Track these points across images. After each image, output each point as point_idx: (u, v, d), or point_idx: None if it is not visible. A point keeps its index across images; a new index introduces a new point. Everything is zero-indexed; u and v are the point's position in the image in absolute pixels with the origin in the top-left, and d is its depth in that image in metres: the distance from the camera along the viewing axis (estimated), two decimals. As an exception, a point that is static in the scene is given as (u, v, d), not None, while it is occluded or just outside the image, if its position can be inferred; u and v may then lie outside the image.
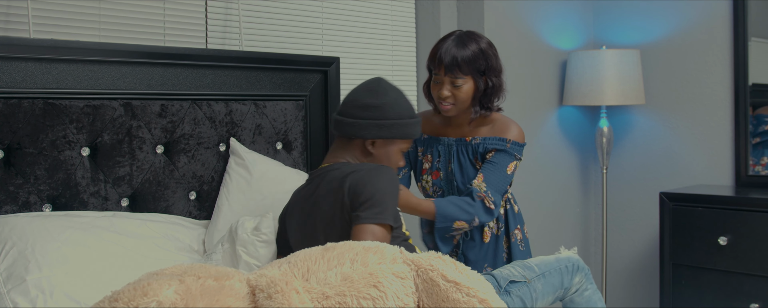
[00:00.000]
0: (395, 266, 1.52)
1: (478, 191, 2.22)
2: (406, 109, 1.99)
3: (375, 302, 1.44)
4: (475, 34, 2.30)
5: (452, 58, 2.23)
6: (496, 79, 2.27)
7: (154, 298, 1.32)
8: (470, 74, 2.24)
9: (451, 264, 1.55)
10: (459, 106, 2.28)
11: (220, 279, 1.39)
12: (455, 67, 2.23)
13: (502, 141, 2.28)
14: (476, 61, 2.23)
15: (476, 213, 2.20)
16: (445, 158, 2.36)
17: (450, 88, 2.26)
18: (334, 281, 1.45)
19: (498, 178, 2.25)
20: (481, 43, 2.26)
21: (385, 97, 1.95)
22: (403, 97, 2.01)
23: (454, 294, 1.49)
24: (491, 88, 2.27)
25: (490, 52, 2.27)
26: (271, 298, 1.34)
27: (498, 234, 2.38)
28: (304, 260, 1.50)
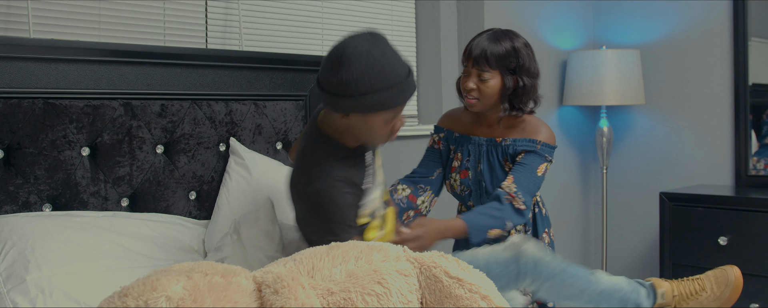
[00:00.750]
0: (399, 263, 1.52)
1: (505, 193, 2.17)
2: (376, 79, 1.69)
3: (379, 298, 1.44)
4: (512, 33, 2.26)
5: (482, 51, 2.19)
6: (528, 79, 2.21)
7: (163, 293, 1.32)
8: (498, 69, 2.20)
9: (454, 261, 1.56)
10: (484, 102, 2.23)
11: (227, 276, 1.39)
12: (483, 60, 2.19)
13: (532, 142, 2.24)
14: (507, 58, 2.19)
15: (506, 217, 2.15)
16: (475, 158, 2.32)
17: (476, 81, 2.22)
18: (339, 278, 1.45)
19: (528, 180, 2.20)
20: (516, 41, 2.22)
21: (349, 69, 1.69)
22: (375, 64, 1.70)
23: (457, 290, 1.49)
24: (521, 88, 2.21)
25: (525, 52, 2.22)
26: (278, 293, 1.35)
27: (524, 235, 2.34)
28: (310, 257, 1.50)
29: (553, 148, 2.27)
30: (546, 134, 2.27)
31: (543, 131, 2.27)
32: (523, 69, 2.21)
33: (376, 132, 1.80)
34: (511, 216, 2.16)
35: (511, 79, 2.20)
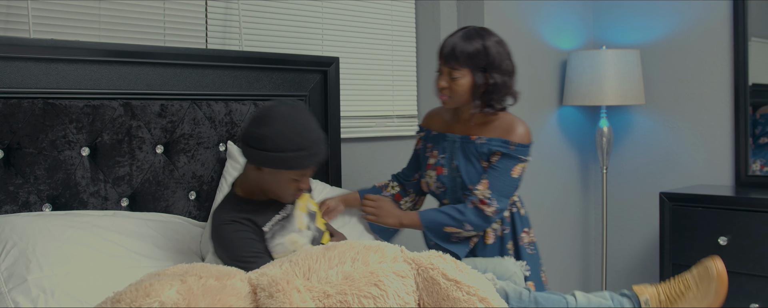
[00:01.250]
0: (396, 265, 1.52)
1: (475, 198, 2.22)
2: (292, 140, 1.88)
3: (376, 301, 1.44)
4: (485, 31, 2.26)
5: (451, 49, 2.22)
6: (499, 77, 2.22)
7: (157, 298, 1.32)
8: (468, 67, 2.21)
9: (452, 262, 1.56)
10: (456, 99, 2.25)
11: (222, 279, 1.39)
12: (453, 58, 2.21)
13: (506, 143, 2.24)
14: (476, 56, 2.20)
15: (466, 220, 2.21)
16: (450, 154, 2.34)
17: (447, 80, 2.24)
18: (336, 280, 1.45)
19: (503, 183, 2.22)
20: (488, 39, 2.23)
21: (268, 127, 1.88)
22: (293, 128, 1.89)
23: (455, 292, 1.49)
24: (492, 85, 2.22)
25: (496, 49, 2.23)
26: (273, 297, 1.35)
27: (502, 236, 2.36)
28: (306, 259, 1.50)
29: (528, 146, 2.26)
30: (520, 133, 2.26)
31: (517, 130, 2.26)
32: (495, 66, 2.21)
33: (283, 187, 1.95)
34: (472, 219, 2.21)
35: (482, 76, 2.21)
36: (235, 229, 1.93)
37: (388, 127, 3.22)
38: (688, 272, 1.96)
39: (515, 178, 2.24)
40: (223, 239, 1.93)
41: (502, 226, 2.35)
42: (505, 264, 2.12)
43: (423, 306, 1.53)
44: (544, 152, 3.73)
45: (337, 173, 2.78)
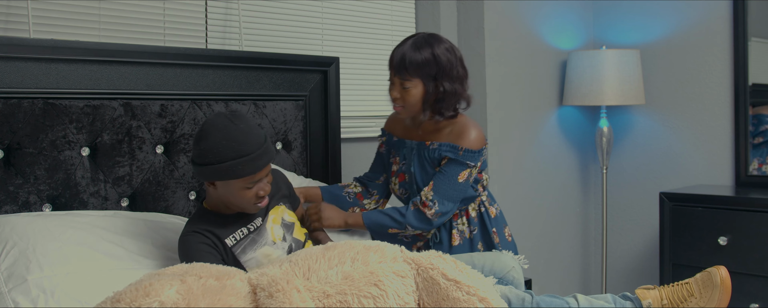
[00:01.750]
0: (396, 265, 1.52)
1: (417, 199, 2.23)
2: (229, 149, 1.86)
3: (376, 301, 1.44)
4: (435, 38, 2.23)
5: (401, 59, 2.20)
6: (449, 85, 2.20)
7: (156, 298, 1.32)
8: (419, 77, 2.19)
9: (452, 262, 1.56)
10: (409, 109, 2.25)
11: (222, 279, 1.39)
12: (403, 69, 2.20)
13: (454, 148, 2.23)
14: (426, 65, 2.18)
15: (407, 222, 2.23)
16: (409, 161, 2.34)
17: (399, 90, 2.23)
18: (335, 280, 1.45)
19: (447, 187, 2.22)
20: (437, 47, 2.20)
21: (206, 141, 1.88)
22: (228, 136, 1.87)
23: (455, 292, 1.49)
24: (442, 93, 2.20)
25: (446, 57, 2.20)
26: (272, 297, 1.35)
27: (471, 237, 2.35)
28: (305, 259, 1.50)
29: (477, 152, 2.23)
30: (470, 138, 2.23)
31: (468, 135, 2.24)
32: (445, 74, 2.20)
33: (239, 197, 1.92)
34: (412, 222, 2.23)
35: (433, 85, 2.20)
36: (192, 240, 1.92)
37: (388, 127, 3.22)
38: (692, 278, 1.96)
39: (461, 183, 2.23)
40: (181, 249, 1.93)
41: (470, 227, 2.35)
42: (503, 259, 2.11)
43: (423, 306, 1.53)
44: (544, 152, 3.73)
45: (337, 173, 2.78)
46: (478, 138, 2.25)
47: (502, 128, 3.45)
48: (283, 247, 2.01)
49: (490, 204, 2.40)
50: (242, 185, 1.90)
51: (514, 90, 3.53)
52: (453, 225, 2.34)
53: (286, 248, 2.02)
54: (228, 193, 1.92)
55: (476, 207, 2.36)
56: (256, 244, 1.98)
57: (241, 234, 1.96)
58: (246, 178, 1.89)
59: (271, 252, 1.99)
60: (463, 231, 2.34)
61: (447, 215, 2.25)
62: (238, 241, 1.96)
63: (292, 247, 2.04)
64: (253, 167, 1.89)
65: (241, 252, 1.95)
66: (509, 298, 1.92)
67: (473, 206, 2.36)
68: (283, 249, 2.01)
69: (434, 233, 2.38)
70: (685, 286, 1.94)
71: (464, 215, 2.35)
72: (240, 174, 1.87)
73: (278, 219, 2.06)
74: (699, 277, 1.94)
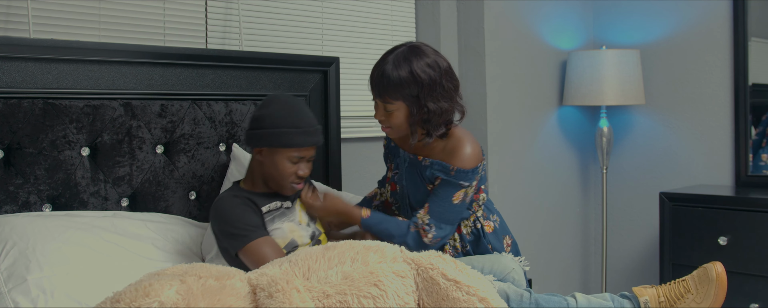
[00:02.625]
0: (395, 265, 1.52)
1: (417, 221, 2.09)
2: (286, 118, 2.00)
3: (376, 301, 1.44)
4: (415, 53, 2.07)
5: (379, 81, 2.07)
6: (434, 104, 2.04)
7: (156, 298, 1.32)
8: (400, 99, 2.05)
9: (452, 262, 1.56)
10: (397, 131, 2.13)
11: (221, 279, 1.39)
12: (383, 93, 2.07)
13: (445, 168, 2.08)
14: (406, 86, 2.03)
15: (406, 243, 2.07)
16: (402, 173, 2.24)
17: (383, 113, 2.11)
18: (335, 280, 1.45)
19: (443, 209, 2.08)
20: (417, 64, 2.04)
21: (267, 108, 2.04)
22: (289, 109, 2.02)
23: (454, 292, 1.49)
24: (427, 113, 2.04)
25: (427, 73, 2.03)
26: (272, 297, 1.35)
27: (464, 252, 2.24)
28: (305, 259, 1.50)
29: (470, 171, 2.08)
30: (464, 156, 2.08)
31: (461, 153, 2.08)
32: (427, 93, 2.04)
33: (282, 169, 2.02)
34: (410, 244, 2.07)
35: (417, 105, 2.06)
36: (233, 204, 2.00)
37: (388, 127, 3.22)
38: (689, 275, 1.97)
39: (456, 204, 2.09)
40: (220, 211, 1.99)
41: (462, 243, 2.23)
42: (503, 261, 2.10)
43: (423, 306, 1.53)
44: (544, 152, 3.73)
45: (337, 173, 2.78)
46: (472, 155, 2.10)
47: (502, 128, 3.45)
48: (307, 231, 2.10)
49: (486, 219, 2.26)
50: (287, 157, 2.02)
51: (514, 90, 3.53)
52: None
53: (310, 233, 2.11)
54: (271, 164, 2.03)
55: (470, 224, 2.23)
56: (285, 218, 2.07)
57: (275, 206, 2.07)
58: (293, 150, 2.01)
59: (296, 229, 2.07)
60: (456, 248, 2.24)
61: (446, 238, 2.13)
62: (271, 210, 2.05)
63: (315, 234, 2.13)
64: (303, 140, 2.02)
65: (270, 220, 2.04)
66: (508, 294, 1.92)
67: (466, 223, 2.23)
68: (307, 232, 2.10)
69: None
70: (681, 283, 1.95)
71: (455, 231, 2.22)
72: (289, 143, 2.00)
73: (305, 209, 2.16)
74: (695, 273, 1.95)
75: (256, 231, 1.96)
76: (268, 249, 1.93)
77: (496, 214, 2.33)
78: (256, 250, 1.93)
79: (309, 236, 2.10)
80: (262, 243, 1.94)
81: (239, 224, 1.96)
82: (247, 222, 1.97)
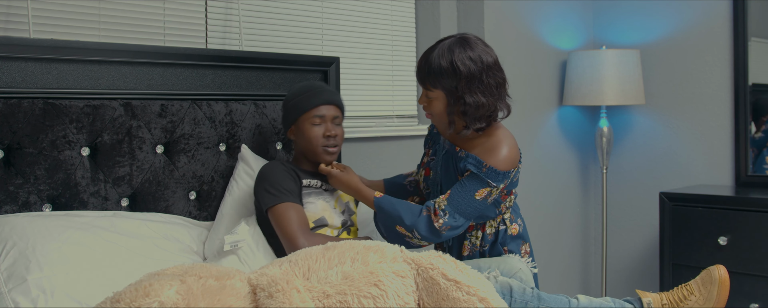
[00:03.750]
0: (396, 265, 1.52)
1: (432, 205, 2.07)
2: (298, 91, 2.25)
3: (376, 301, 1.44)
4: (461, 45, 2.08)
5: (420, 69, 2.11)
6: (472, 97, 2.05)
7: (156, 298, 1.32)
8: (440, 89, 2.08)
9: (452, 262, 1.56)
10: (437, 119, 2.15)
11: (222, 279, 1.39)
12: (424, 80, 2.11)
13: (479, 164, 2.06)
14: (445, 77, 2.06)
15: (416, 226, 2.05)
16: (438, 160, 2.26)
17: (425, 99, 2.15)
18: (335, 280, 1.45)
19: (463, 201, 2.06)
20: (459, 56, 2.05)
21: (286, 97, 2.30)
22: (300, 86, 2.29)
23: (455, 292, 1.49)
24: (465, 105, 2.06)
25: (468, 66, 2.04)
26: (272, 297, 1.35)
27: (481, 252, 2.25)
28: (305, 259, 1.50)
29: (501, 173, 2.07)
30: (500, 158, 2.07)
31: (498, 154, 2.08)
32: (465, 86, 2.05)
33: (308, 134, 2.20)
34: (420, 227, 2.06)
35: (455, 97, 2.07)
36: (277, 168, 2.16)
37: (388, 127, 3.22)
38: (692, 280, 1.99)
39: (477, 200, 2.07)
40: (264, 171, 2.16)
41: (482, 242, 2.23)
42: (509, 262, 2.09)
43: (423, 306, 1.53)
44: (544, 152, 3.73)
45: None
46: (508, 158, 2.08)
47: (502, 128, 3.45)
48: (340, 217, 2.23)
49: (512, 222, 2.26)
50: (309, 122, 2.20)
51: (514, 90, 3.51)
52: (466, 236, 2.25)
53: (342, 220, 2.23)
54: (301, 136, 2.22)
55: (494, 225, 2.23)
56: (320, 197, 2.21)
57: (316, 183, 2.22)
58: (311, 112, 2.20)
59: (329, 209, 2.20)
60: (476, 245, 2.24)
61: (457, 230, 2.09)
62: (310, 186, 2.20)
63: (347, 223, 2.24)
64: (316, 100, 2.20)
65: (307, 194, 2.17)
66: (511, 287, 1.92)
67: (492, 223, 2.23)
68: (339, 217, 2.23)
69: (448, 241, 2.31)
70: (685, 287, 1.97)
71: (480, 229, 2.24)
72: (305, 106, 2.20)
73: (346, 198, 2.29)
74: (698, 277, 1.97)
75: (289, 195, 2.09)
76: (293, 214, 2.05)
77: (521, 219, 2.32)
78: (283, 212, 2.05)
79: (340, 222, 2.23)
80: (289, 207, 2.06)
81: (276, 185, 2.10)
82: (284, 186, 2.10)
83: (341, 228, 2.21)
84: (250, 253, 2.10)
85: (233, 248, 2.05)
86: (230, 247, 2.04)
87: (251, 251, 2.10)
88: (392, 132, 3.19)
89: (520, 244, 2.27)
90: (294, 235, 2.02)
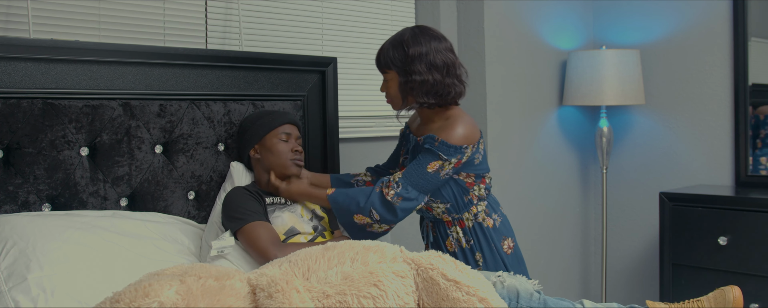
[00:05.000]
0: (395, 265, 1.52)
1: (385, 180, 2.16)
2: (257, 115, 2.38)
3: (375, 301, 1.44)
4: (417, 29, 2.22)
5: (377, 57, 2.25)
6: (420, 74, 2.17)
7: (156, 299, 1.32)
8: (393, 69, 2.21)
9: (452, 262, 1.56)
10: (394, 102, 2.26)
11: (221, 279, 1.39)
12: (378, 62, 2.25)
13: (432, 139, 2.15)
14: (395, 56, 2.20)
15: (371, 206, 2.11)
16: (408, 155, 2.34)
17: (383, 85, 2.27)
18: (335, 280, 1.45)
19: (416, 174, 2.14)
20: (408, 38, 2.19)
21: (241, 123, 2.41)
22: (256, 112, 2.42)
23: (454, 292, 1.49)
24: (411, 81, 2.17)
25: (414, 45, 2.18)
26: (272, 297, 1.35)
27: (469, 247, 2.29)
28: (305, 259, 1.50)
29: (454, 147, 2.14)
30: (455, 133, 2.15)
31: (453, 130, 2.16)
32: (415, 62, 2.17)
33: (277, 149, 2.29)
34: (376, 206, 2.12)
35: (405, 75, 2.19)
36: (238, 192, 2.21)
37: (387, 127, 3.22)
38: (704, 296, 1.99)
39: (429, 172, 2.14)
40: (227, 198, 2.19)
41: (466, 237, 2.29)
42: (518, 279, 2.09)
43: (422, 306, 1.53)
44: (544, 152, 3.73)
45: (336, 173, 2.78)
46: (463, 135, 2.16)
47: (502, 128, 3.45)
48: (310, 224, 2.25)
49: (488, 215, 2.31)
50: (277, 138, 2.30)
51: (514, 90, 3.53)
52: (447, 231, 2.31)
53: (312, 226, 2.26)
54: (268, 153, 2.30)
55: (471, 218, 2.29)
56: (286, 208, 2.25)
57: (279, 200, 2.27)
58: (277, 130, 2.31)
59: (297, 219, 2.23)
60: (459, 240, 2.29)
61: (410, 202, 2.14)
62: (274, 202, 2.26)
63: (318, 228, 2.26)
64: (280, 119, 2.33)
65: (272, 210, 2.23)
66: (518, 290, 1.93)
67: (467, 216, 2.29)
68: (309, 224, 2.25)
69: (430, 238, 2.36)
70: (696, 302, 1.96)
71: (458, 224, 2.30)
72: (270, 125, 2.31)
73: (311, 207, 2.31)
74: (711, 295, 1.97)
75: (253, 215, 2.12)
76: (261, 230, 2.07)
77: (500, 215, 2.36)
78: (250, 230, 2.07)
79: (311, 227, 2.23)
80: (256, 225, 2.09)
81: (240, 208, 2.14)
82: (248, 207, 2.14)
83: (315, 234, 2.23)
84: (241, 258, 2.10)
85: (220, 253, 2.07)
86: (217, 253, 2.06)
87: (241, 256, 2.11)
88: (391, 132, 3.19)
89: (502, 239, 2.33)
90: (266, 250, 2.03)
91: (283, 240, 2.15)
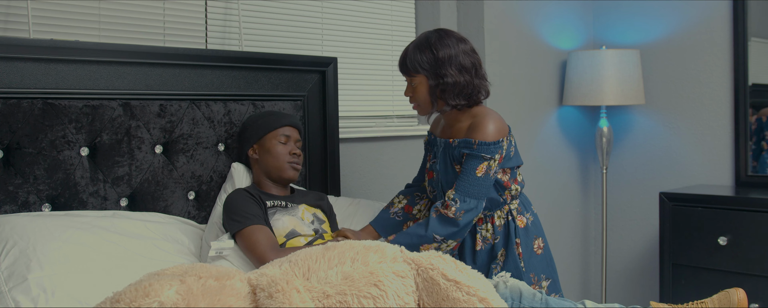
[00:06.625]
0: (396, 265, 1.52)
1: (438, 204, 2.18)
2: (259, 115, 2.38)
3: (376, 301, 1.44)
4: (440, 31, 2.24)
5: (401, 61, 2.24)
6: (451, 76, 2.18)
7: (156, 298, 1.32)
8: (421, 73, 2.21)
9: (452, 263, 1.56)
10: (422, 106, 2.25)
11: (221, 279, 1.39)
12: (404, 67, 2.23)
13: (469, 143, 2.18)
14: (422, 58, 2.19)
15: (433, 232, 2.15)
16: (437, 159, 2.33)
17: (409, 89, 2.26)
18: (335, 280, 1.45)
19: (466, 183, 2.16)
20: (435, 40, 2.20)
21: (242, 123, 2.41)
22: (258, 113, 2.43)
23: (455, 293, 1.49)
24: (443, 83, 2.18)
25: (446, 50, 2.19)
26: (272, 297, 1.35)
27: (493, 244, 2.30)
28: (305, 259, 1.50)
29: (492, 144, 2.16)
30: (486, 130, 2.18)
31: (483, 127, 2.18)
32: (445, 65, 2.18)
33: (275, 151, 2.29)
34: (437, 229, 2.14)
35: (435, 78, 2.20)
36: (239, 195, 2.20)
37: (388, 127, 3.22)
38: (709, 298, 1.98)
39: (479, 177, 2.16)
40: (228, 200, 2.18)
41: (493, 235, 2.30)
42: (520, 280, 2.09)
43: (423, 306, 1.53)
44: (544, 152, 3.73)
45: (336, 173, 2.78)
46: (495, 130, 2.18)
47: (502, 128, 3.45)
48: (310, 226, 2.25)
49: (520, 213, 2.32)
50: (276, 140, 2.30)
51: (514, 90, 3.53)
52: (477, 229, 2.31)
53: (313, 228, 2.25)
54: (266, 154, 2.30)
55: (503, 216, 2.30)
56: (286, 211, 2.24)
57: (279, 203, 2.26)
58: (277, 131, 2.31)
59: (298, 222, 2.23)
60: (486, 238, 2.30)
61: (472, 212, 2.16)
62: (275, 206, 2.24)
63: (319, 231, 2.26)
64: (281, 120, 2.33)
65: (272, 213, 2.21)
66: (521, 290, 1.93)
67: (500, 214, 2.30)
68: (309, 227, 2.25)
69: None
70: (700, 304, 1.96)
71: (489, 221, 2.30)
72: (271, 126, 2.31)
73: (312, 210, 2.32)
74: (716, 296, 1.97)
75: (253, 219, 2.11)
76: (260, 235, 2.07)
77: (532, 214, 2.39)
78: (249, 234, 2.07)
79: (312, 230, 2.23)
80: (255, 229, 2.08)
81: (240, 211, 2.13)
82: (248, 210, 2.13)
83: (315, 236, 2.23)
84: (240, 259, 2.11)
85: (219, 254, 2.07)
86: (216, 254, 2.07)
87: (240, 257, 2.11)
88: (392, 132, 3.20)
89: (532, 238, 2.34)
90: (263, 255, 2.03)
91: (283, 242, 2.15)
